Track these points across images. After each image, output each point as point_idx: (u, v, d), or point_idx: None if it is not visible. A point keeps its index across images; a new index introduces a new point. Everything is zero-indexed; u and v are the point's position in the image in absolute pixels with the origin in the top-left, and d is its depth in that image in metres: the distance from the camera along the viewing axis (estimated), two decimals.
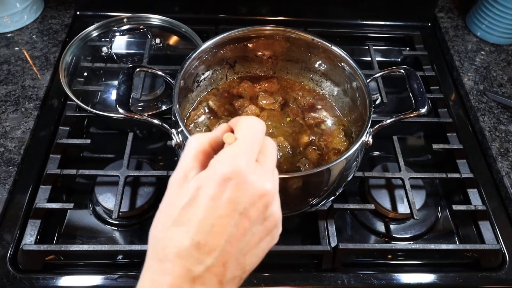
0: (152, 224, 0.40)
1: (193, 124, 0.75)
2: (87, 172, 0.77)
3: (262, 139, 0.41)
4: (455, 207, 0.77)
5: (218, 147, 0.42)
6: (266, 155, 0.41)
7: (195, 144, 0.41)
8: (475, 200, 0.80)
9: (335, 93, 0.80)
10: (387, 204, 0.78)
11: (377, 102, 0.90)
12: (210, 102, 0.78)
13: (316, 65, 0.80)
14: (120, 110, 0.63)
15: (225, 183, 0.37)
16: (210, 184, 0.37)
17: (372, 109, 0.66)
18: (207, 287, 0.37)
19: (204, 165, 0.40)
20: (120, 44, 1.00)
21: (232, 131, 0.42)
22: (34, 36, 1.00)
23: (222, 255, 0.37)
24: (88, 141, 0.81)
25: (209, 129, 0.74)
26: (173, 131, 0.63)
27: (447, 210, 0.82)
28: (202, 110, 0.77)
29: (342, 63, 0.74)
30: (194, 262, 0.36)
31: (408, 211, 0.75)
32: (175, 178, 0.40)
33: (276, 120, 0.76)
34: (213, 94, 0.80)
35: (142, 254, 0.71)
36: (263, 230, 0.40)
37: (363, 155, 0.68)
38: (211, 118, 0.76)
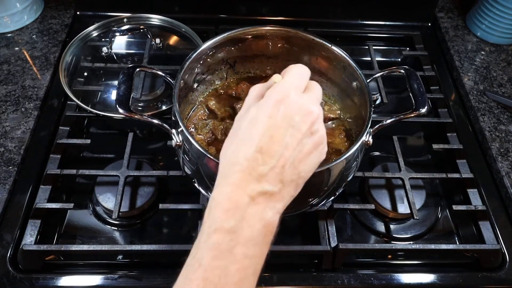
0: (223, 147, 0.48)
1: (193, 124, 0.75)
2: (87, 172, 0.77)
3: (307, 78, 0.51)
4: (455, 207, 0.77)
5: None
6: (311, 90, 0.50)
7: (255, 89, 0.51)
8: (475, 200, 0.80)
9: (335, 93, 0.80)
10: (387, 204, 0.78)
11: (377, 102, 0.90)
12: (210, 102, 0.78)
13: (316, 65, 0.80)
14: (120, 110, 0.63)
15: (278, 104, 0.46)
16: (266, 107, 0.46)
17: (372, 109, 0.66)
18: (271, 183, 0.45)
19: None
20: (120, 44, 1.00)
21: None
22: (34, 36, 1.00)
23: (281, 159, 0.45)
24: (88, 141, 0.81)
25: (209, 129, 0.74)
26: (173, 131, 0.63)
27: (447, 210, 0.82)
28: (202, 111, 0.77)
29: (342, 63, 0.74)
30: (259, 163, 0.44)
31: (408, 211, 0.75)
32: (240, 113, 0.49)
33: None
34: (213, 94, 0.80)
35: (142, 254, 0.72)
36: (312, 143, 0.48)
37: (363, 155, 0.68)
38: (211, 118, 0.76)
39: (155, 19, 0.99)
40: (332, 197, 0.70)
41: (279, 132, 0.45)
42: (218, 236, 0.42)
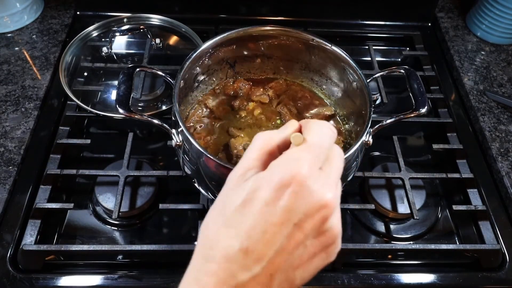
0: (205, 219, 0.38)
1: (193, 124, 0.75)
2: (87, 172, 0.77)
3: (330, 146, 0.39)
4: (455, 207, 0.77)
5: (284, 147, 0.40)
6: (331, 164, 0.38)
7: (261, 142, 0.39)
8: (475, 200, 0.80)
9: (335, 93, 0.80)
10: (387, 204, 0.78)
11: (377, 102, 0.90)
12: (210, 102, 0.78)
13: (316, 65, 0.80)
14: (120, 110, 0.63)
15: (283, 189, 0.35)
16: (267, 187, 0.35)
17: (372, 109, 0.66)
18: None
19: (266, 165, 0.38)
20: (120, 44, 1.00)
21: (301, 131, 0.40)
22: (34, 36, 1.00)
23: (269, 266, 0.35)
24: (88, 141, 0.81)
25: (210, 129, 0.74)
26: (173, 131, 0.63)
27: (447, 210, 0.82)
28: (202, 110, 0.77)
29: (342, 63, 0.74)
30: (240, 268, 0.35)
31: (408, 211, 0.75)
32: (234, 175, 0.38)
33: (266, 119, 0.76)
34: (213, 94, 0.80)
35: (142, 254, 0.72)
36: (318, 245, 0.37)
37: (363, 155, 0.68)
38: (211, 118, 0.76)
39: (155, 19, 0.99)
40: None
41: (274, 229, 0.35)
42: None
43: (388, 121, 0.67)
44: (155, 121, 0.65)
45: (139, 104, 0.88)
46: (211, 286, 0.34)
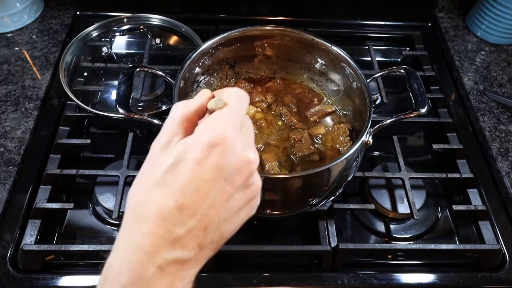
0: (132, 187, 0.39)
1: None
2: (87, 172, 0.77)
3: (246, 109, 0.42)
4: (455, 207, 0.77)
5: (202, 114, 0.42)
6: (247, 127, 0.42)
7: (180, 111, 0.41)
8: (475, 200, 0.80)
9: (335, 93, 0.80)
10: (387, 204, 0.78)
11: (377, 102, 0.90)
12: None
13: (316, 65, 0.80)
14: (120, 110, 0.63)
15: (212, 148, 0.37)
16: (196, 148, 0.37)
17: (372, 109, 0.66)
18: (187, 249, 0.36)
19: (189, 132, 0.40)
20: (120, 44, 1.00)
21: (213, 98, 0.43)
22: (34, 36, 1.00)
23: (204, 219, 0.37)
24: (88, 141, 0.81)
25: None
26: None
27: (447, 210, 0.82)
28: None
29: (342, 63, 0.74)
30: (176, 223, 0.36)
31: (408, 211, 0.75)
32: (159, 143, 0.40)
33: (267, 124, 0.77)
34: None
35: None
36: (244, 198, 0.40)
37: (363, 155, 0.68)
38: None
39: (155, 19, 0.99)
40: (332, 197, 0.70)
41: (206, 185, 0.36)
42: None
43: (388, 121, 0.67)
44: (155, 121, 0.65)
45: (139, 104, 0.88)
46: (148, 244, 0.35)
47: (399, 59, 1.08)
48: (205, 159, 0.37)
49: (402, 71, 0.72)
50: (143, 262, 0.35)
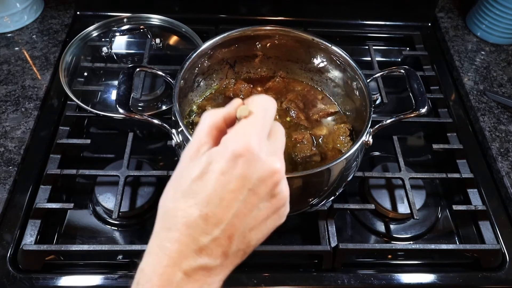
0: (162, 194, 0.41)
1: (193, 124, 0.75)
2: (87, 172, 0.77)
3: (273, 117, 0.42)
4: (455, 207, 0.77)
5: (231, 122, 0.42)
6: (276, 135, 0.42)
7: (209, 119, 0.42)
8: (475, 200, 0.80)
9: (335, 93, 0.80)
10: (387, 204, 0.78)
11: (377, 102, 0.90)
12: (210, 102, 0.78)
13: (316, 65, 0.80)
14: (120, 110, 0.63)
15: (236, 159, 0.38)
16: (221, 159, 0.38)
17: (372, 109, 0.66)
18: (212, 257, 0.38)
19: (217, 140, 0.41)
20: (120, 44, 1.00)
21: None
22: (34, 36, 1.00)
23: (228, 228, 0.38)
24: (88, 141, 0.81)
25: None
26: (173, 131, 0.63)
27: (447, 210, 0.82)
28: (202, 110, 0.77)
29: (342, 63, 0.74)
30: (201, 232, 0.37)
31: (408, 211, 0.75)
32: (188, 152, 0.41)
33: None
34: (212, 94, 0.80)
35: (142, 254, 0.71)
36: (271, 207, 0.40)
37: (363, 155, 0.68)
38: None
39: (155, 19, 0.99)
40: (332, 197, 0.70)
41: (230, 195, 0.38)
42: None
43: (388, 121, 0.67)
44: (155, 121, 0.65)
45: (139, 104, 0.88)
46: (175, 251, 0.37)
47: (399, 59, 1.08)
48: (229, 170, 0.38)
49: (402, 71, 0.72)
50: (171, 268, 0.37)
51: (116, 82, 0.71)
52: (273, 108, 0.42)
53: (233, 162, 0.38)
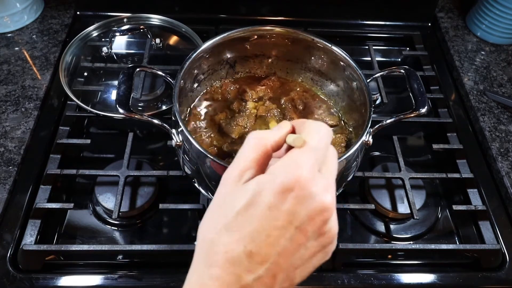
0: (203, 222, 0.38)
1: (193, 124, 0.75)
2: (87, 172, 0.77)
3: (328, 147, 0.40)
4: (455, 207, 0.77)
5: (278, 147, 0.40)
6: (328, 165, 0.39)
7: (256, 142, 0.39)
8: (475, 200, 0.80)
9: (335, 93, 0.80)
10: (387, 204, 0.78)
11: (377, 102, 0.90)
12: (210, 102, 0.78)
13: (316, 65, 0.80)
14: (120, 110, 0.63)
15: (286, 194, 0.35)
16: (269, 192, 0.36)
17: (372, 109, 0.66)
18: None
19: (262, 165, 0.39)
20: (120, 44, 1.00)
21: (294, 132, 0.41)
22: (34, 36, 1.00)
23: (273, 267, 0.36)
24: (88, 141, 0.81)
25: (209, 129, 0.74)
26: (173, 131, 0.63)
27: (447, 210, 0.82)
28: (202, 110, 0.77)
29: (342, 63, 0.74)
30: (245, 270, 0.35)
31: (408, 211, 0.75)
32: (230, 175, 0.38)
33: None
34: (212, 93, 0.80)
35: (142, 254, 0.72)
36: (318, 246, 0.38)
37: (363, 155, 0.68)
38: (211, 117, 0.76)
39: (155, 19, 0.99)
40: None
41: (277, 232, 0.35)
42: None
43: (388, 121, 0.67)
44: (155, 121, 0.65)
45: (139, 104, 0.88)
46: None
47: (399, 59, 1.08)
48: (277, 205, 0.35)
49: (402, 71, 0.72)
50: None
51: (116, 82, 0.71)
52: (329, 137, 0.40)
53: (282, 196, 0.35)
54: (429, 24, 1.13)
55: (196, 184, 0.68)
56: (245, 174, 0.38)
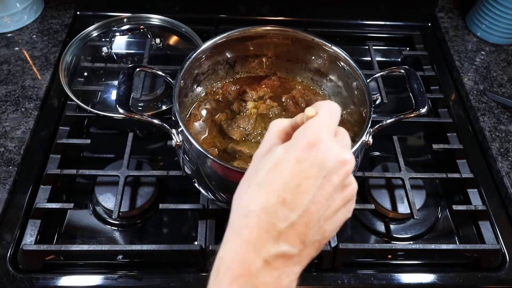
0: (236, 190, 0.41)
1: (193, 124, 0.75)
2: (87, 172, 0.77)
3: (338, 120, 0.43)
4: (455, 207, 0.77)
5: (297, 126, 0.43)
6: (342, 136, 0.43)
7: (277, 124, 0.44)
8: (475, 200, 0.80)
9: (335, 93, 0.80)
10: (387, 204, 0.78)
11: (377, 102, 0.90)
12: (210, 102, 0.78)
13: (316, 65, 0.80)
14: (120, 110, 0.63)
15: (310, 148, 0.38)
16: (295, 149, 0.39)
17: (372, 109, 0.66)
18: (291, 244, 0.38)
19: (286, 141, 0.42)
20: (120, 44, 1.00)
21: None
22: (34, 36, 1.00)
23: (305, 215, 0.38)
24: (88, 141, 0.81)
25: (209, 129, 0.74)
26: (173, 131, 0.63)
27: (447, 210, 0.82)
28: (202, 110, 0.77)
29: (342, 63, 0.74)
30: (279, 217, 0.37)
31: (408, 211, 0.75)
32: (260, 152, 0.42)
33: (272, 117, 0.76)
34: (212, 93, 0.80)
35: (142, 254, 0.72)
36: (342, 199, 0.41)
37: (363, 155, 0.68)
38: (211, 117, 0.76)
39: (155, 19, 0.99)
40: None
41: (307, 181, 0.38)
42: None
43: (388, 121, 0.67)
44: (155, 121, 0.65)
45: (139, 104, 0.88)
46: (254, 237, 0.37)
47: (399, 59, 1.08)
48: (304, 158, 0.38)
49: (402, 71, 0.72)
50: (250, 254, 0.37)
51: (116, 82, 0.71)
52: (338, 111, 0.43)
53: (308, 151, 0.38)
54: (429, 24, 1.13)
55: (196, 184, 0.68)
56: (272, 148, 0.42)
